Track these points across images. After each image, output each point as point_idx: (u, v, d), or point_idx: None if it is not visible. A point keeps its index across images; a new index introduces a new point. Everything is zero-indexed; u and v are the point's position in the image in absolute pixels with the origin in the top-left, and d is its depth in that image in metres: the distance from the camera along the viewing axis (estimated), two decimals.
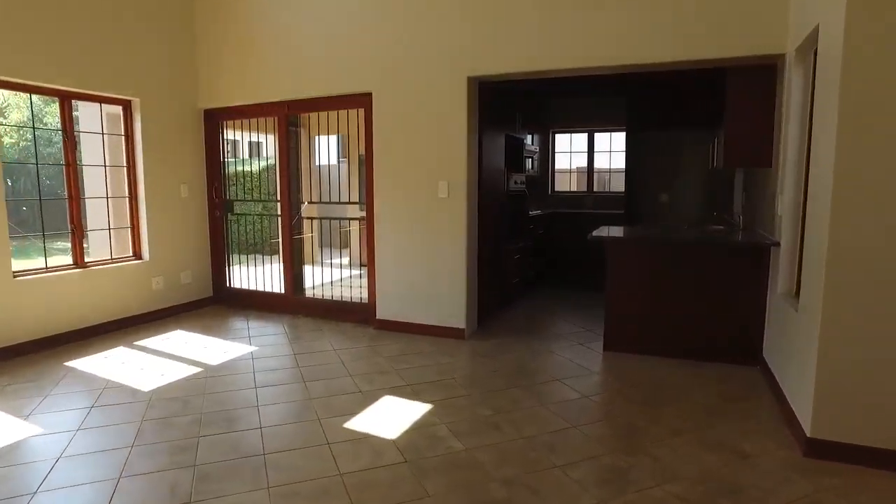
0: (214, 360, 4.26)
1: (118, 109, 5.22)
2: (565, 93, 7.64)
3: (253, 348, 4.55)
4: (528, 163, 7.24)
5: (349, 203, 5.73)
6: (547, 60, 4.20)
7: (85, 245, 5.18)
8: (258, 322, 5.38)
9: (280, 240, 5.78)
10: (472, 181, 4.76)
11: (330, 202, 6.05)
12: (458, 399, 3.45)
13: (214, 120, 5.88)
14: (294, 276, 5.75)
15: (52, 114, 12.53)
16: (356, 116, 5.17)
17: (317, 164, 10.02)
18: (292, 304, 5.69)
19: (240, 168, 8.43)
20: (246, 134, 7.43)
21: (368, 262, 5.20)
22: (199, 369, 4.06)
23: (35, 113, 13.28)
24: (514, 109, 6.14)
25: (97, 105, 5.10)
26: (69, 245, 4.95)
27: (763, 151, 3.85)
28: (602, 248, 4.42)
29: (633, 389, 3.59)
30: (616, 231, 4.70)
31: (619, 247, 4.30)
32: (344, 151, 8.97)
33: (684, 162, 6.50)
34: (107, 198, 5.22)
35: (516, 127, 6.26)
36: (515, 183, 6.08)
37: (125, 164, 5.28)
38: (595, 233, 4.45)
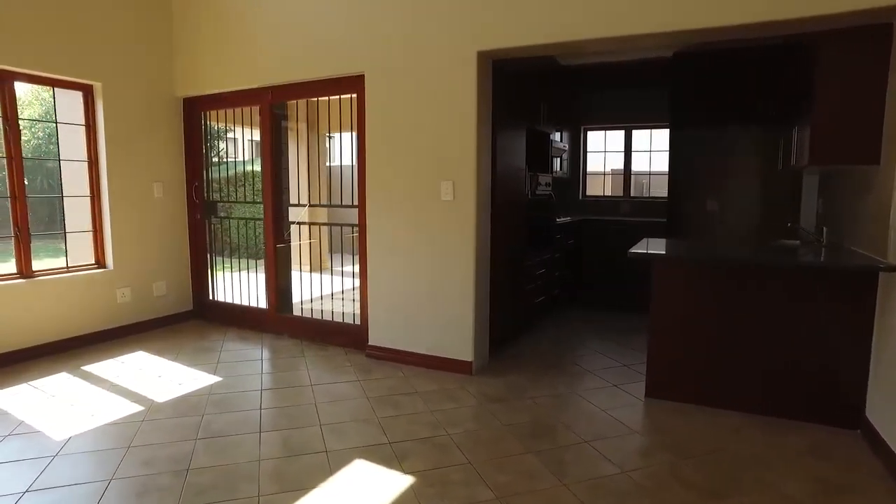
0: (164, 394, 3.48)
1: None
2: (599, 82, 6.72)
3: (216, 379, 3.76)
4: (556, 163, 6.34)
5: (354, 206, 4.81)
6: (582, 28, 3.29)
7: (34, 250, 4.49)
8: (235, 343, 4.60)
9: (264, 248, 5.00)
10: (484, 181, 3.90)
11: (333, 206, 5.27)
12: (452, 469, 2.58)
13: (195, 110, 5.15)
14: (279, 291, 4.96)
15: (41, 103, 12.12)
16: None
17: (331, 163, 9.30)
18: (276, 323, 4.90)
19: (239, 169, 7.75)
20: (239, 130, 6.73)
21: (361, 277, 4.37)
22: (140, 408, 3.28)
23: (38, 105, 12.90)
24: (537, 99, 5.26)
25: (77, 92, 4.45)
26: (62, 248, 4.29)
27: (867, 143, 2.88)
28: (645, 265, 3.51)
29: (690, 463, 2.65)
30: (663, 245, 3.78)
31: (668, 267, 3.37)
32: None
33: (740, 162, 5.50)
34: (61, 197, 4.53)
35: (540, 120, 5.37)
36: (540, 185, 5.19)
37: (86, 159, 4.57)
38: (637, 248, 3.54)
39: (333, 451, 2.74)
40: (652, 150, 7.01)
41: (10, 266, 4.20)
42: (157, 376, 3.82)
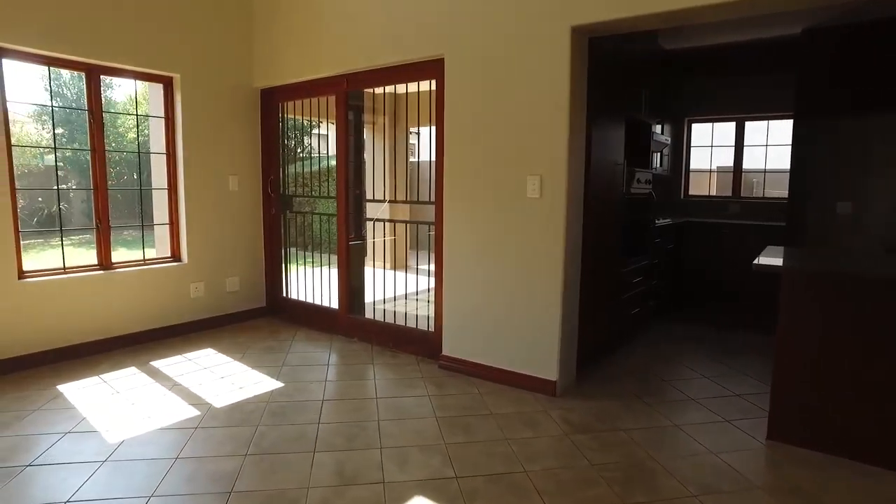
0: (222, 399, 3.30)
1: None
2: (708, 68, 5.98)
3: (277, 385, 3.54)
4: (656, 158, 5.69)
5: (431, 203, 4.43)
6: None
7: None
8: (303, 345, 4.40)
9: (337, 245, 4.77)
10: (576, 177, 3.41)
11: (410, 202, 4.99)
12: None
13: (273, 101, 5.01)
14: (351, 290, 4.71)
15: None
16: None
17: (415, 159, 9.09)
18: (347, 325, 4.66)
19: (324, 165, 7.66)
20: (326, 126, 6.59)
21: (436, 280, 4.02)
22: (195, 413, 3.10)
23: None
24: (638, 86, 4.67)
25: (159, 85, 4.43)
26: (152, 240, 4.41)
27: None
28: (764, 276, 2.89)
29: None
30: (791, 255, 3.13)
31: (804, 282, 2.74)
32: None
33: (885, 157, 4.63)
34: (139, 189, 4.52)
35: (641, 109, 4.77)
36: (638, 182, 4.61)
37: (164, 152, 4.54)
38: (764, 259, 2.92)
39: (391, 483, 2.39)
40: (768, 143, 6.16)
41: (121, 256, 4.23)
42: (220, 377, 3.65)
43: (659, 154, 5.85)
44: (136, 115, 4.52)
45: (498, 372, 3.61)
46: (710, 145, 6.52)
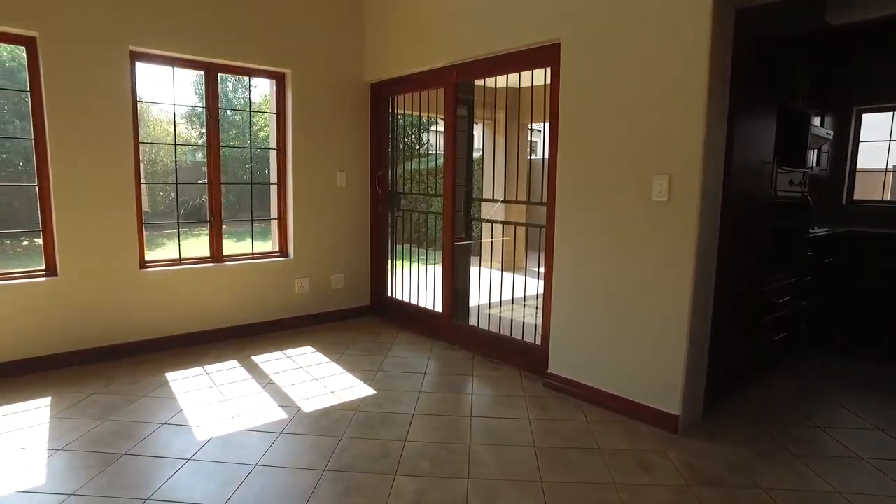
0: (312, 402, 3.19)
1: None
2: (890, 42, 4.95)
3: (369, 392, 3.38)
4: (813, 156, 4.84)
5: (543, 204, 3.88)
6: None
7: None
8: (402, 349, 4.23)
9: (442, 246, 4.54)
10: (713, 178, 2.86)
11: (520, 202, 4.65)
12: None
13: (383, 95, 4.90)
14: (456, 294, 4.46)
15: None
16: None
17: (533, 157, 8.71)
18: (449, 331, 4.42)
19: (438, 162, 7.53)
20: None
21: (545, 289, 3.64)
22: (283, 416, 3.01)
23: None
24: (796, 70, 3.93)
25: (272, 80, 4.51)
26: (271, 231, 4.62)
27: None
28: None
29: None
30: None
31: None
32: None
33: None
34: (251, 184, 4.60)
35: (799, 98, 4.03)
36: (791, 184, 3.89)
37: (276, 147, 4.59)
38: None
39: None
40: None
41: (237, 248, 4.36)
42: (314, 378, 3.57)
43: (817, 151, 4.98)
44: (250, 111, 4.60)
45: (610, 398, 3.17)
46: (886, 139, 5.46)
